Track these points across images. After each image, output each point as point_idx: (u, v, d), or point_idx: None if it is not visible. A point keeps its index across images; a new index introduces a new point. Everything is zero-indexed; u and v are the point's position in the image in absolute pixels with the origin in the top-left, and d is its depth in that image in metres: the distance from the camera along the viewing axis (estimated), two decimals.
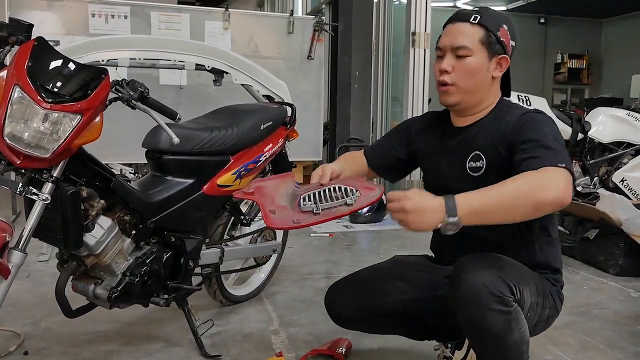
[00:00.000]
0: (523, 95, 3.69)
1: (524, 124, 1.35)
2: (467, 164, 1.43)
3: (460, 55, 1.40)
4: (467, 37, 1.39)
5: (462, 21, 1.41)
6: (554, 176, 1.19)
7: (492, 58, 1.41)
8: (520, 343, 1.27)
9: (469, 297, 1.23)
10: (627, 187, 3.83)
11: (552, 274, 1.47)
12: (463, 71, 1.41)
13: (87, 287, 1.71)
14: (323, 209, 1.28)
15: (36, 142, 1.37)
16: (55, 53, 1.44)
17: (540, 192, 1.16)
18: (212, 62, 2.99)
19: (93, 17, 3.99)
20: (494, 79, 1.44)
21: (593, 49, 11.20)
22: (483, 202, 1.17)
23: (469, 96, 1.44)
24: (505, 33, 1.42)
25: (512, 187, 1.18)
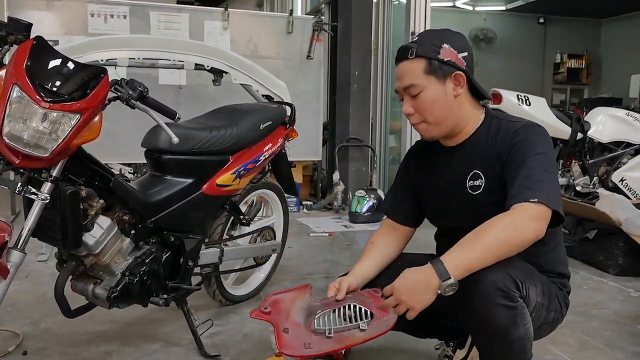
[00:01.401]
0: (523, 95, 3.69)
1: (515, 145, 1.36)
2: (467, 183, 1.43)
3: (412, 94, 1.40)
4: (411, 75, 1.39)
5: (403, 59, 1.41)
6: (525, 215, 1.25)
7: (444, 81, 1.39)
8: (524, 339, 1.27)
9: (475, 291, 1.23)
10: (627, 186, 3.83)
11: (559, 278, 1.47)
12: (423, 107, 1.41)
13: (87, 287, 1.71)
14: (336, 331, 1.33)
15: (35, 141, 1.36)
16: (54, 52, 1.44)
17: (516, 237, 1.24)
18: (212, 62, 2.99)
19: (92, 16, 3.99)
20: (457, 96, 1.42)
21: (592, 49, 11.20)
22: (472, 258, 1.24)
23: (444, 124, 1.43)
24: (448, 51, 1.39)
25: (491, 237, 1.24)
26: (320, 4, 5.77)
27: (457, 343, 1.66)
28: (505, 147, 1.37)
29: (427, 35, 1.44)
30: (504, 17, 10.56)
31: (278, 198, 2.52)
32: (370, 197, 4.32)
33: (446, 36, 1.42)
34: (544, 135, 1.38)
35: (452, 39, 1.41)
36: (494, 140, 1.41)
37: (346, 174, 4.83)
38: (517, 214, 1.25)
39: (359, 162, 4.89)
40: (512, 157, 1.35)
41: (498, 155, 1.38)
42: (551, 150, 1.38)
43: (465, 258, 1.23)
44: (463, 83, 1.41)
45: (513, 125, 1.41)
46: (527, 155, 1.32)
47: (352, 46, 4.80)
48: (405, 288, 1.25)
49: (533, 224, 1.24)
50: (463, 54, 1.41)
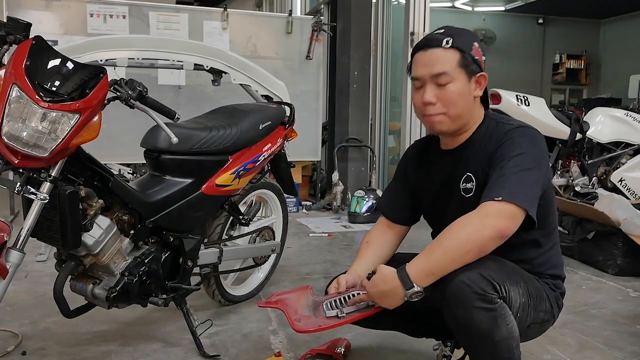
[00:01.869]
0: (522, 96, 3.69)
1: (500, 146, 1.36)
2: (461, 185, 1.44)
3: (441, 83, 1.36)
4: (445, 63, 1.35)
5: (435, 47, 1.37)
6: (483, 213, 1.24)
7: (471, 79, 1.39)
8: (508, 339, 1.26)
9: (452, 296, 1.24)
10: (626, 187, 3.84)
11: (551, 279, 1.46)
12: (448, 99, 1.37)
13: (86, 287, 1.71)
14: (347, 312, 1.36)
15: (34, 141, 1.36)
16: (54, 52, 1.44)
17: (474, 236, 1.23)
18: (211, 62, 2.99)
19: (91, 17, 3.99)
20: (475, 98, 1.42)
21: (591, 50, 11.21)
22: (432, 263, 1.26)
23: (458, 121, 1.42)
24: (477, 50, 1.39)
25: (450, 240, 1.25)
26: (319, 4, 5.77)
27: (455, 342, 1.66)
28: (492, 150, 1.38)
29: (458, 30, 1.41)
30: (503, 18, 10.57)
31: (277, 198, 2.52)
32: (369, 198, 4.32)
33: (473, 35, 1.43)
34: (530, 136, 1.36)
35: (478, 40, 1.42)
36: (486, 143, 1.41)
37: (345, 174, 4.83)
38: (478, 213, 1.25)
39: (358, 163, 4.89)
40: (495, 159, 1.35)
41: (487, 157, 1.39)
42: (536, 150, 1.35)
43: (426, 264, 1.26)
44: (484, 85, 1.41)
45: (505, 127, 1.41)
46: (506, 156, 1.32)
47: (351, 46, 4.81)
48: (374, 292, 1.31)
49: (493, 221, 1.23)
50: (484, 57, 1.43)
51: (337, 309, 1.35)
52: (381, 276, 1.31)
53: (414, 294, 1.26)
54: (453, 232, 1.26)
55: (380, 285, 1.30)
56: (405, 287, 1.25)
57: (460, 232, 1.25)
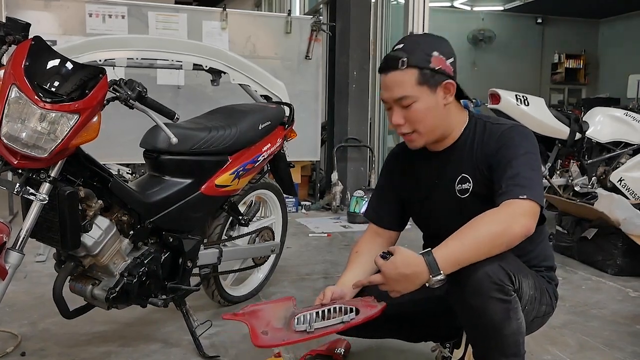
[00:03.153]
0: (521, 95, 3.69)
1: (501, 147, 1.36)
2: (456, 186, 1.43)
3: (404, 105, 1.37)
4: (403, 86, 1.35)
5: (392, 69, 1.36)
6: (516, 211, 1.25)
7: (436, 90, 1.37)
8: (517, 334, 1.27)
9: (471, 284, 1.24)
10: (625, 186, 3.84)
11: (546, 272, 1.49)
12: (415, 118, 1.38)
13: (85, 287, 1.71)
14: (316, 328, 1.32)
15: (33, 142, 1.36)
16: (53, 52, 1.43)
17: (507, 232, 1.24)
18: (210, 62, 2.99)
19: (90, 17, 3.99)
20: (447, 105, 1.40)
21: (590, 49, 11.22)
22: (462, 252, 1.24)
23: (434, 133, 1.42)
24: (438, 59, 1.36)
25: (483, 232, 1.24)
26: (318, 4, 5.77)
27: (453, 343, 1.66)
28: (492, 150, 1.37)
29: (415, 43, 1.40)
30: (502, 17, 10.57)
31: (277, 198, 2.52)
32: (368, 198, 4.32)
33: (434, 42, 1.39)
34: (528, 136, 1.39)
35: (439, 46, 1.38)
36: (480, 143, 1.41)
37: (345, 174, 4.83)
38: (507, 209, 1.26)
39: (358, 162, 4.89)
40: (499, 159, 1.35)
41: (485, 158, 1.39)
42: (536, 150, 1.38)
43: (456, 252, 1.23)
44: (453, 91, 1.39)
45: (499, 127, 1.41)
46: (513, 156, 1.33)
47: (350, 46, 4.81)
48: (394, 275, 1.24)
49: (524, 220, 1.25)
50: (450, 60, 1.38)
51: (306, 323, 1.32)
52: (403, 258, 1.25)
53: (437, 282, 1.23)
54: (486, 225, 1.25)
55: (400, 267, 1.24)
56: (432, 273, 1.22)
57: (491, 226, 1.24)
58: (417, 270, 1.22)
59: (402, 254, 1.26)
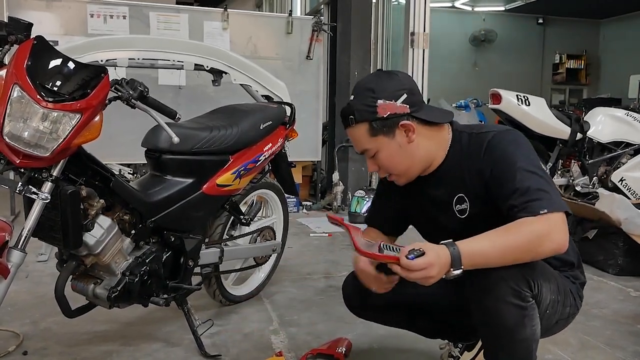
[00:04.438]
0: (522, 95, 3.70)
1: (496, 163, 1.30)
2: (455, 207, 1.40)
3: (370, 155, 1.40)
4: (360, 141, 1.37)
5: (347, 127, 1.38)
6: (554, 227, 1.20)
7: (394, 134, 1.34)
8: (530, 340, 1.26)
9: (487, 286, 1.23)
10: (626, 186, 3.84)
11: (570, 271, 1.45)
12: (385, 165, 1.40)
13: (87, 286, 1.71)
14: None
15: (36, 141, 1.36)
16: (55, 52, 1.44)
17: (540, 246, 1.20)
18: (211, 62, 2.99)
19: (92, 17, 3.99)
20: (412, 143, 1.35)
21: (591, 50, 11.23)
22: (488, 255, 1.20)
23: (411, 170, 1.40)
24: (383, 106, 1.32)
25: (516, 241, 1.19)
26: (319, 5, 5.77)
27: (467, 345, 1.65)
28: (485, 165, 1.32)
29: (360, 94, 1.36)
30: (503, 18, 10.58)
31: (278, 198, 2.52)
32: (369, 198, 4.32)
33: (377, 87, 1.34)
34: (518, 141, 1.33)
35: (383, 89, 1.33)
36: (467, 159, 1.36)
37: (346, 174, 4.83)
38: (542, 223, 1.19)
39: (359, 163, 4.89)
40: (497, 174, 1.29)
41: (478, 173, 1.33)
42: (528, 149, 1.33)
43: (483, 253, 1.19)
44: (413, 128, 1.34)
45: (482, 137, 1.35)
46: (512, 170, 1.27)
47: (351, 46, 4.81)
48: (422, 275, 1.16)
49: (560, 236, 1.20)
50: (401, 98, 1.33)
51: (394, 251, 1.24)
52: (434, 259, 1.16)
53: (454, 275, 1.18)
54: (518, 234, 1.20)
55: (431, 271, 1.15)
56: (454, 266, 1.17)
57: (527, 235, 1.19)
58: (441, 263, 1.17)
59: (433, 254, 1.17)
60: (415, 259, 1.15)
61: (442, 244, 1.19)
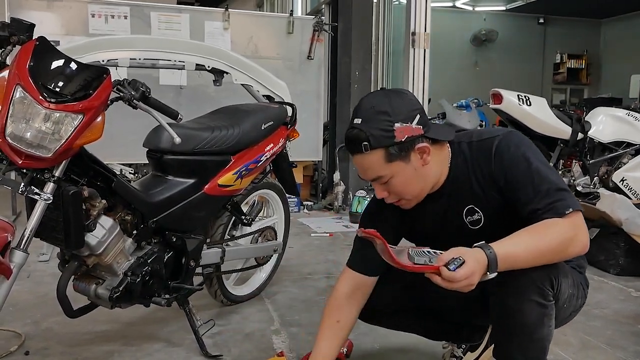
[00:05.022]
0: (523, 95, 3.70)
1: (507, 169, 1.28)
2: (466, 219, 1.37)
3: (383, 182, 1.32)
4: (373, 169, 1.29)
5: (358, 153, 1.28)
6: (579, 229, 1.21)
7: (409, 158, 1.29)
8: (545, 340, 1.27)
9: (514, 284, 1.21)
10: (627, 186, 3.84)
11: (576, 261, 1.44)
12: (397, 191, 1.33)
13: (89, 287, 1.71)
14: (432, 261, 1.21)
15: (38, 141, 1.36)
16: (57, 53, 1.44)
17: (569, 247, 1.20)
18: (212, 62, 2.99)
19: (93, 17, 3.99)
20: (425, 165, 1.32)
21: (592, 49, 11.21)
22: (522, 258, 1.18)
23: (423, 191, 1.36)
24: (402, 129, 1.25)
25: (546, 242, 1.19)
26: (320, 4, 5.77)
27: (470, 346, 1.65)
28: (496, 171, 1.29)
29: (373, 118, 1.27)
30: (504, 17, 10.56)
31: (279, 198, 2.53)
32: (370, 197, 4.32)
33: (392, 110, 1.27)
34: (524, 142, 1.32)
35: (398, 112, 1.27)
36: (475, 168, 1.33)
37: (347, 174, 4.83)
38: (568, 224, 1.19)
39: None
40: (512, 179, 1.27)
41: (490, 181, 1.31)
42: (535, 149, 1.32)
43: (517, 256, 1.17)
44: (429, 150, 1.31)
45: (487, 144, 1.32)
46: (528, 172, 1.26)
47: (352, 46, 4.81)
48: (464, 284, 1.11)
49: (585, 238, 1.21)
50: (415, 119, 1.28)
51: (427, 256, 1.21)
52: (477, 263, 1.12)
53: (489, 278, 1.15)
54: (548, 236, 1.19)
55: (472, 278, 1.11)
56: (490, 270, 1.14)
57: (556, 239, 1.19)
58: (481, 269, 1.13)
59: (473, 261, 1.12)
60: (458, 270, 1.10)
61: (477, 247, 1.15)
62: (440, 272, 1.12)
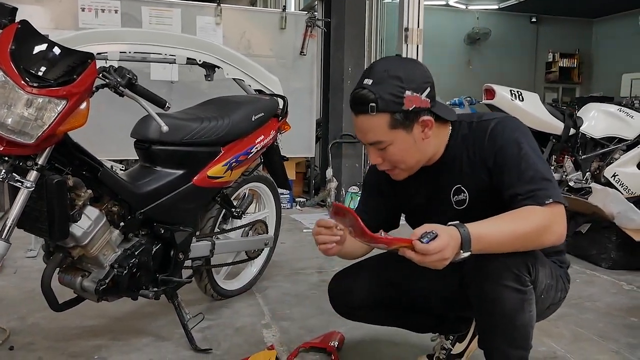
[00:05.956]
0: (516, 91, 3.69)
1: (498, 149, 1.28)
2: (452, 198, 1.37)
3: (380, 148, 1.30)
4: (375, 132, 1.27)
5: (362, 113, 1.26)
6: (557, 219, 1.21)
7: (412, 129, 1.28)
8: (527, 326, 1.26)
9: (488, 270, 1.21)
10: (619, 182, 3.85)
11: (556, 256, 1.44)
12: (393, 159, 1.32)
13: (74, 279, 1.68)
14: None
15: (20, 127, 1.33)
16: (40, 37, 1.41)
17: (544, 236, 1.20)
18: (204, 56, 2.96)
19: (83, 11, 3.94)
20: (425, 140, 1.31)
21: (584, 48, 11.27)
22: (497, 241, 1.17)
23: (416, 165, 1.35)
24: (411, 98, 1.24)
25: (524, 229, 1.18)
26: (313, 0, 5.75)
27: (458, 337, 1.64)
28: (488, 153, 1.29)
29: (384, 80, 1.25)
30: (497, 16, 10.60)
31: (270, 192, 2.50)
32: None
33: (405, 77, 1.25)
34: (520, 128, 1.31)
35: (411, 80, 1.26)
36: (470, 148, 1.33)
37: (339, 171, 4.81)
38: (547, 213, 1.19)
39: (352, 159, 4.87)
40: (500, 162, 1.27)
41: (481, 161, 1.31)
42: (531, 138, 1.31)
43: (492, 237, 1.16)
44: (431, 124, 1.30)
45: (484, 125, 1.32)
46: (516, 157, 1.25)
47: (345, 42, 4.78)
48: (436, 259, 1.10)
49: (562, 227, 1.21)
50: (426, 91, 1.27)
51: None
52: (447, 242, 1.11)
53: (461, 258, 1.14)
54: (526, 222, 1.18)
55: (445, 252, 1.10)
56: (463, 249, 1.13)
57: (532, 226, 1.18)
58: (454, 245, 1.12)
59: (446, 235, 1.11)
60: (431, 243, 1.10)
61: (451, 225, 1.14)
62: (413, 245, 1.11)
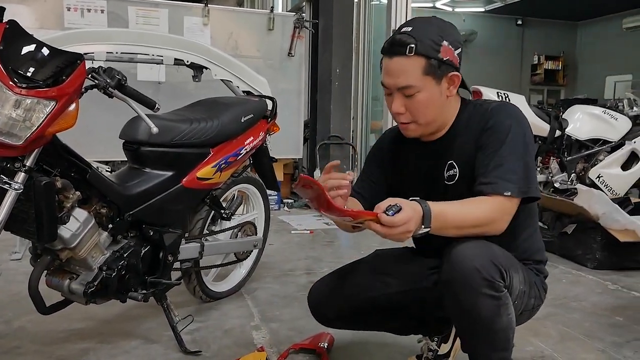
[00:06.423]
0: (502, 93, 3.73)
1: (487, 130, 1.33)
2: (445, 174, 1.41)
3: (407, 94, 1.32)
4: (408, 75, 1.29)
5: (398, 55, 1.29)
6: (503, 216, 1.28)
7: (441, 81, 1.32)
8: (507, 329, 1.27)
9: (460, 280, 1.22)
10: (603, 183, 3.91)
11: (535, 264, 1.47)
12: (416, 109, 1.34)
13: (62, 282, 1.66)
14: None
15: (8, 129, 1.31)
16: (29, 37, 1.39)
17: (486, 227, 1.27)
18: (191, 57, 2.95)
19: (68, 10, 3.90)
20: (449, 97, 1.36)
21: (569, 51, 11.43)
22: (448, 222, 1.23)
23: (431, 125, 1.39)
24: (447, 49, 1.29)
25: (474, 215, 1.26)
26: (301, 1, 5.75)
27: (442, 337, 1.66)
28: (481, 130, 1.34)
29: (425, 29, 1.30)
30: (483, 19, 10.70)
31: (259, 193, 2.49)
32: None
33: (443, 30, 1.32)
34: (516, 117, 1.34)
35: (449, 34, 1.32)
36: (469, 126, 1.38)
37: None
38: (497, 204, 1.27)
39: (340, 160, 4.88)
40: (485, 141, 1.32)
41: (474, 138, 1.36)
42: (525, 130, 1.34)
43: (446, 218, 1.23)
44: (457, 83, 1.35)
45: (486, 106, 1.38)
46: (499, 141, 1.30)
47: (333, 43, 4.80)
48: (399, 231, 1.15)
49: (504, 222, 1.28)
50: (458, 50, 1.33)
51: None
52: (413, 211, 1.16)
53: (420, 234, 1.19)
54: (476, 209, 1.26)
55: (409, 225, 1.15)
56: (424, 224, 1.18)
57: (479, 214, 1.26)
58: (417, 218, 1.17)
59: (410, 209, 1.16)
60: (396, 215, 1.14)
61: (413, 200, 1.20)
62: (378, 218, 1.14)
